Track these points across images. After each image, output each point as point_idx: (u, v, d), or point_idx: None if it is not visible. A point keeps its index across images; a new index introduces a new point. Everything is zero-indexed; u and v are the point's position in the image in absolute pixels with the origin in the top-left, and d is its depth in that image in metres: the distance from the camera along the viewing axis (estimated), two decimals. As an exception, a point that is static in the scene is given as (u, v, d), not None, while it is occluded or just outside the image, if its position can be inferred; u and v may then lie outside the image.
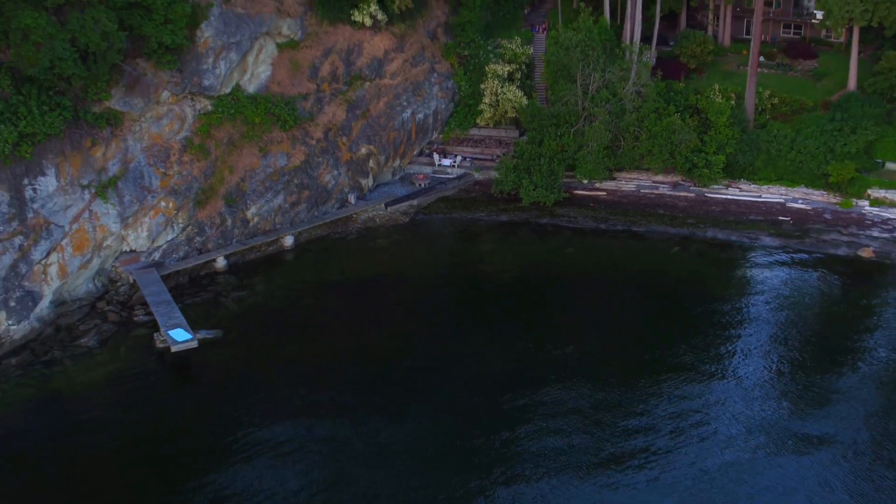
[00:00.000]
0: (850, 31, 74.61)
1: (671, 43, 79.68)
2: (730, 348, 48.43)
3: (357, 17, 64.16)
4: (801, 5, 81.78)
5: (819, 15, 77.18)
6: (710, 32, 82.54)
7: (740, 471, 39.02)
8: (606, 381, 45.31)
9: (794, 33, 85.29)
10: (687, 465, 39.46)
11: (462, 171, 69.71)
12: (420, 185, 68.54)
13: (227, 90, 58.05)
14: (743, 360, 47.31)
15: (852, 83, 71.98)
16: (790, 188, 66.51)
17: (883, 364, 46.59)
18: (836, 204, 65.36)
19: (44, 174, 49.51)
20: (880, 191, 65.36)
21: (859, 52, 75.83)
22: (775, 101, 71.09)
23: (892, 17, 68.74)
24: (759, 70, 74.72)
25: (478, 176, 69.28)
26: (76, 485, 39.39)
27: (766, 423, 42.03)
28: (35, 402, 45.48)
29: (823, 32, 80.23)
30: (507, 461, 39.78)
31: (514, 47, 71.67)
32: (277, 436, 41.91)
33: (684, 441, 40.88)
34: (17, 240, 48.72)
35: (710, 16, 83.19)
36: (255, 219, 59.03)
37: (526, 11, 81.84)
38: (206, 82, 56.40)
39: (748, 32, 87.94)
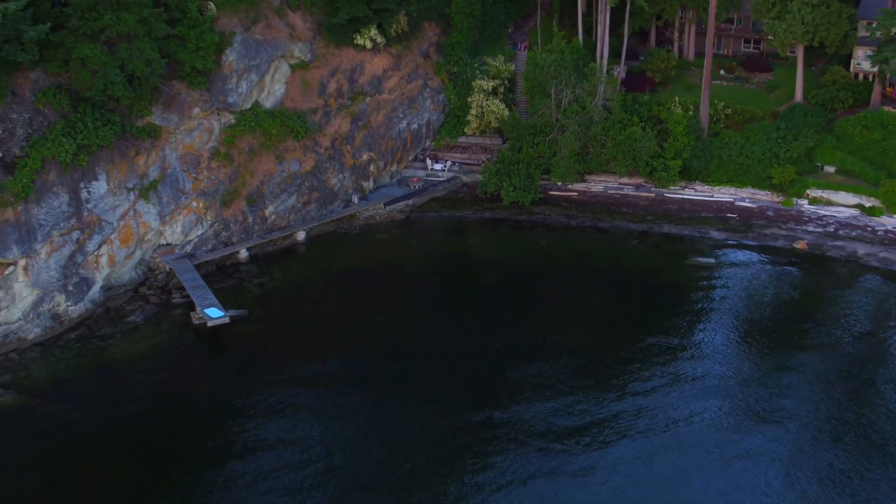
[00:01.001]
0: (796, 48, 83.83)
1: (641, 57, 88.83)
2: (678, 323, 57.72)
3: (359, 40, 73.44)
4: (759, 23, 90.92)
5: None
6: (675, 48, 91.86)
7: (697, 417, 48.12)
8: (575, 350, 54.40)
9: (754, 48, 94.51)
10: (656, 421, 47.82)
11: (451, 174, 79.07)
12: (414, 186, 77.86)
13: (248, 106, 67.35)
14: (691, 333, 56.61)
15: (799, 95, 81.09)
16: (739, 189, 75.86)
17: (813, 336, 55.79)
18: (778, 203, 74.68)
19: (96, 179, 58.73)
20: (818, 191, 74.63)
21: (812, 66, 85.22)
22: (729, 111, 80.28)
23: (830, 38, 77.82)
24: (719, 82, 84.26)
25: (465, 179, 78.60)
26: (127, 436, 47.98)
27: (712, 381, 51.37)
28: (92, 369, 54.38)
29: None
30: (492, 417, 48.50)
31: (497, 65, 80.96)
32: (296, 396, 50.89)
33: (655, 401, 49.42)
34: (75, 234, 57.91)
35: (676, 33, 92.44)
36: (273, 216, 68.36)
37: (510, 30, 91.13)
38: (231, 99, 65.71)
39: (715, 46, 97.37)
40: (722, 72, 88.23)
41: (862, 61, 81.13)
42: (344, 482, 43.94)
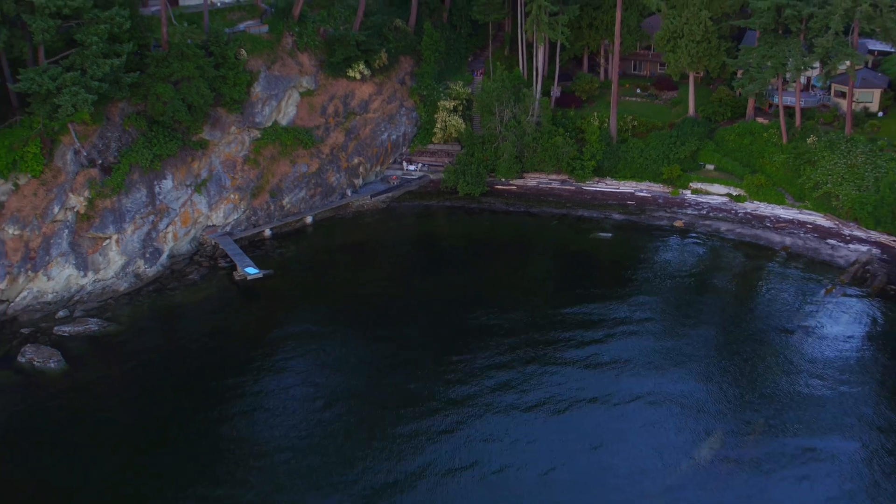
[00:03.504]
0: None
1: (574, 79, 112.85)
2: (583, 280, 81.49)
3: (351, 73, 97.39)
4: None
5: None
6: (602, 71, 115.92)
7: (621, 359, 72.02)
8: (511, 300, 76.92)
9: (666, 70, 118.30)
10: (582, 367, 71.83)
11: (422, 173, 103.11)
12: (393, 183, 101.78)
13: (270, 124, 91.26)
14: (591, 285, 79.90)
15: (691, 110, 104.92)
16: (638, 182, 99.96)
17: (675, 283, 79.84)
18: (668, 193, 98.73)
19: (165, 178, 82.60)
20: (698, 184, 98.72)
21: (709, 85, 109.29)
22: (635, 123, 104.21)
23: (711, 66, 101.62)
24: (635, 99, 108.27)
25: (432, 177, 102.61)
26: (186, 358, 69.87)
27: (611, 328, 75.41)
28: (163, 311, 77.64)
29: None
30: (460, 356, 68.83)
31: (458, 88, 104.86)
32: (310, 331, 73.58)
33: (566, 333, 72.70)
34: (151, 217, 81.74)
35: (602, 60, 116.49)
36: (288, 205, 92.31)
37: (470, 59, 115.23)
38: (257, 120, 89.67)
39: (636, 69, 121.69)
40: (638, 90, 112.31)
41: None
42: (342, 387, 67.64)
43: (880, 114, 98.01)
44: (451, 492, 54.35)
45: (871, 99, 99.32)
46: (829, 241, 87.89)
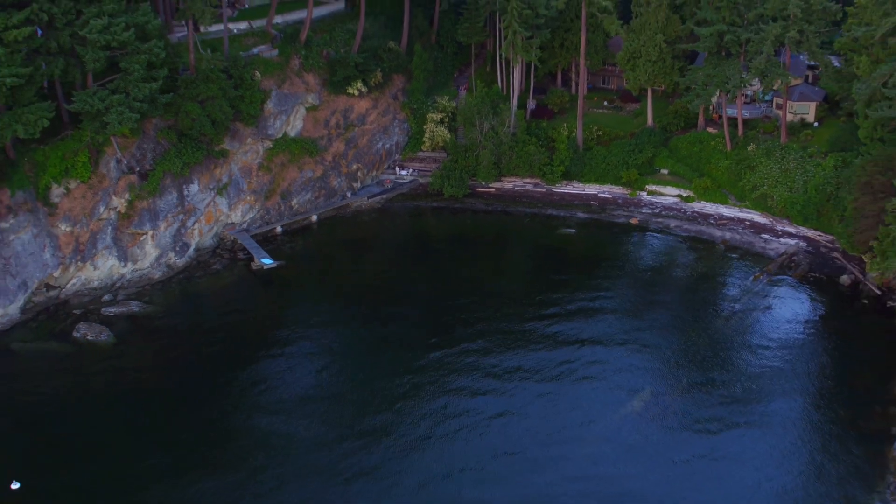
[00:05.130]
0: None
1: (547, 93, 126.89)
2: (551, 267, 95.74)
3: (350, 90, 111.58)
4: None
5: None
6: (574, 85, 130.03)
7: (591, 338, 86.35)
8: (491, 286, 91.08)
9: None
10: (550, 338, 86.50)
11: (412, 178, 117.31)
12: (388, 186, 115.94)
13: (280, 136, 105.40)
14: (558, 271, 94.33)
15: (650, 121, 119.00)
16: (601, 185, 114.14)
17: (628, 269, 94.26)
18: (627, 194, 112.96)
19: (192, 183, 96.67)
20: (653, 186, 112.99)
21: (669, 98, 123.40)
22: (600, 132, 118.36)
23: (666, 82, 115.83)
24: (601, 111, 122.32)
25: (421, 181, 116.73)
26: (212, 334, 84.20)
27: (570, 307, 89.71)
28: (191, 295, 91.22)
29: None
30: (444, 330, 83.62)
31: (444, 102, 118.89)
32: (318, 313, 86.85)
33: (541, 313, 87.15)
34: (180, 216, 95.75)
35: (574, 75, 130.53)
36: (296, 206, 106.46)
37: (455, 75, 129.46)
38: (270, 132, 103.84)
39: (604, 83, 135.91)
40: (605, 103, 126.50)
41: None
42: (344, 355, 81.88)
43: (816, 124, 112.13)
44: (434, 426, 68.77)
45: (808, 111, 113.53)
46: (763, 235, 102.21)
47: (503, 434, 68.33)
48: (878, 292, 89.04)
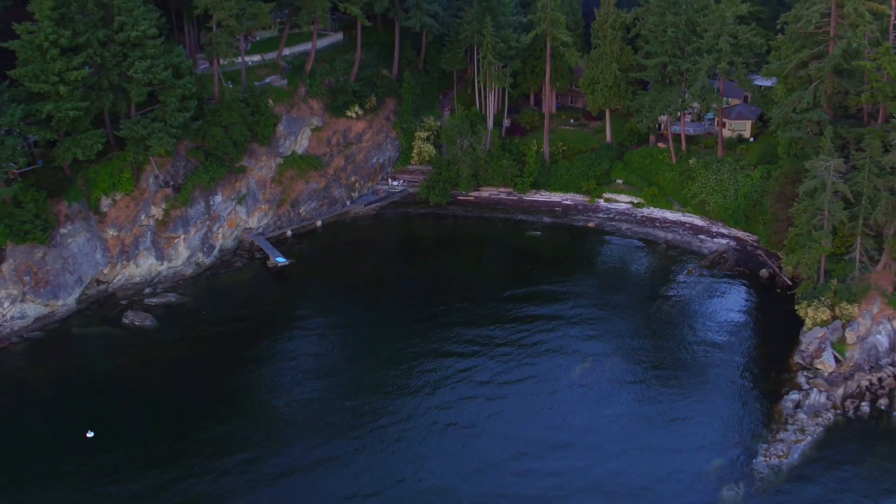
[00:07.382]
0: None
1: (520, 112, 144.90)
2: (519, 266, 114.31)
3: (349, 113, 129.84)
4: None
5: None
6: (545, 105, 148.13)
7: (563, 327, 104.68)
8: (469, 280, 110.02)
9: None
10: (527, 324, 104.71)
11: (403, 188, 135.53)
12: (381, 196, 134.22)
13: (289, 153, 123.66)
14: (524, 268, 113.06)
15: (609, 137, 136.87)
16: (565, 194, 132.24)
17: (587, 265, 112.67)
18: (587, 201, 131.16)
19: (217, 194, 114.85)
20: (610, 194, 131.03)
21: (627, 117, 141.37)
22: (565, 148, 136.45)
23: (623, 103, 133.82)
24: (568, 128, 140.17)
25: (411, 191, 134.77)
26: (234, 322, 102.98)
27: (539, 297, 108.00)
28: (216, 289, 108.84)
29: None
30: (430, 318, 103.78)
31: (430, 122, 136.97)
32: (325, 304, 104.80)
33: (512, 304, 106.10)
34: (207, 223, 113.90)
35: (544, 96, 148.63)
36: (304, 213, 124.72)
37: (440, 98, 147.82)
38: (281, 151, 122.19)
39: (572, 102, 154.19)
40: (571, 120, 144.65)
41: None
42: (344, 338, 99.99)
43: (751, 139, 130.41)
44: (423, 397, 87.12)
45: (745, 128, 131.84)
46: (700, 236, 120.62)
47: (469, 381, 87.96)
48: (789, 283, 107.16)
